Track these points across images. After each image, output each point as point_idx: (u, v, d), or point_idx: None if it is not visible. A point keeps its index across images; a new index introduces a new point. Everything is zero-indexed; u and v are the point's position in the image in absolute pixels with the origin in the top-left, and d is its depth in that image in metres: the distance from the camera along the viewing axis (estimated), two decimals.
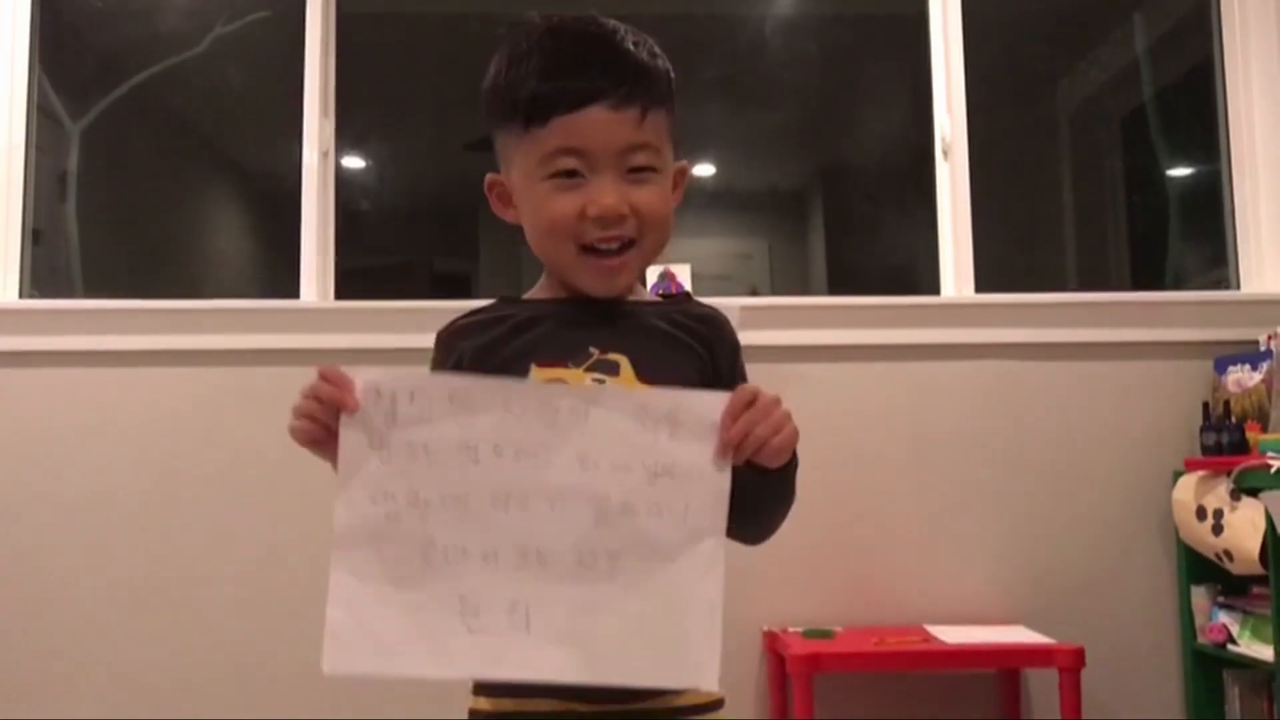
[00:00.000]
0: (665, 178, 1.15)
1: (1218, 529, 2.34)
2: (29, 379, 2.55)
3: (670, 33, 1.28)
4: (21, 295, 2.74)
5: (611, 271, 1.13)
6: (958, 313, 2.69)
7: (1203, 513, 2.39)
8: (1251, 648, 2.33)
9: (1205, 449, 2.49)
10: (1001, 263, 2.97)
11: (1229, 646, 2.39)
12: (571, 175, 1.10)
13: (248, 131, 3.58)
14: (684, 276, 2.73)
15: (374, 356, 2.44)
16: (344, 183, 3.03)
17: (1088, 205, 3.61)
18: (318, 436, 1.02)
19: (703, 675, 1.01)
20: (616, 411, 1.01)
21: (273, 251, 3.67)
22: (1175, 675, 2.57)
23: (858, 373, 2.63)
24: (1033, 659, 2.39)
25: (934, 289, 2.86)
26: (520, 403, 1.01)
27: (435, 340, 1.21)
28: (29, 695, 2.47)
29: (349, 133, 3.08)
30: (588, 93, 1.08)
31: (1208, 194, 3.06)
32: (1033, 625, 2.47)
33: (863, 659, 2.32)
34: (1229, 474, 2.34)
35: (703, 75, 3.43)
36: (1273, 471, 2.21)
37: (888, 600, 2.56)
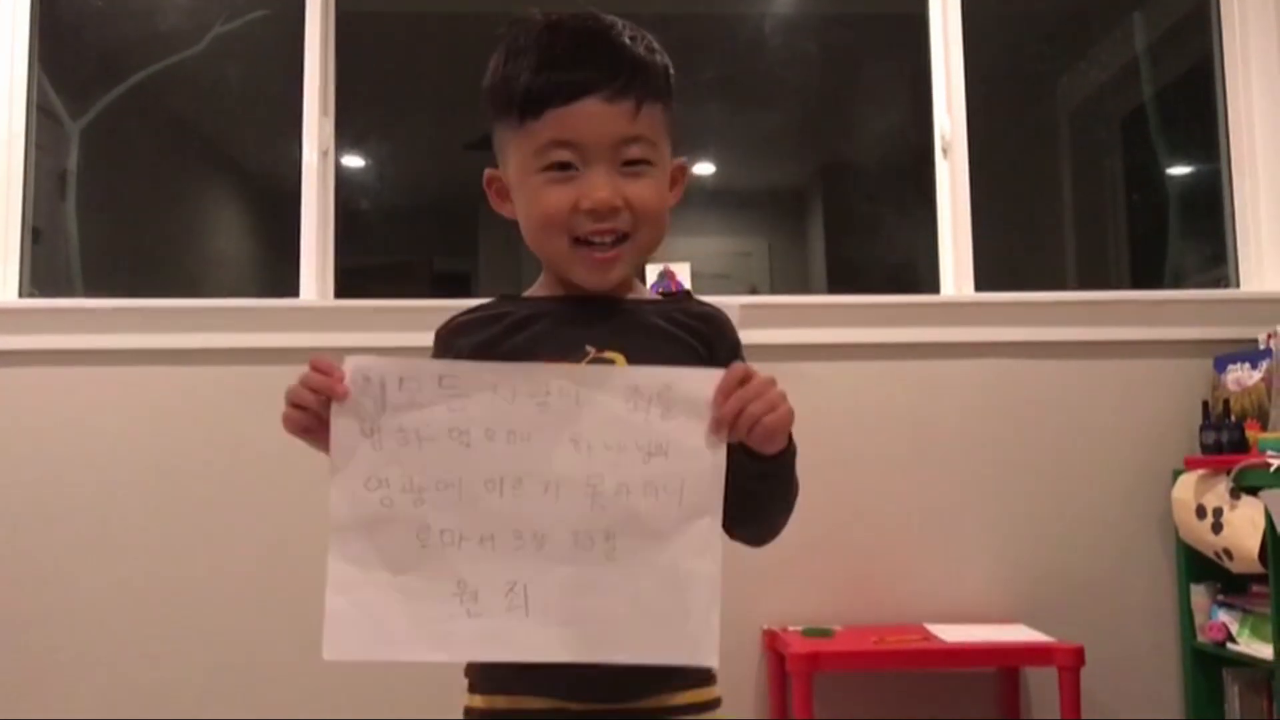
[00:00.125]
0: (661, 172, 1.15)
1: (1217, 527, 2.35)
2: (28, 378, 2.55)
3: (670, 32, 1.28)
4: (21, 294, 2.74)
5: (604, 265, 1.13)
6: (957, 311, 2.69)
7: (1202, 511, 2.39)
8: (1251, 646, 2.33)
9: (1205, 447, 2.49)
10: (1001, 261, 2.97)
11: (1228, 645, 2.39)
12: (565, 168, 1.10)
13: (247, 130, 3.58)
14: (684, 275, 2.74)
15: (374, 355, 2.43)
16: (344, 182, 3.02)
17: (1087, 204, 3.61)
18: (309, 424, 1.02)
19: (702, 652, 1.00)
20: (607, 392, 1.01)
21: (272, 250, 3.67)
22: (1175, 674, 2.58)
23: (857, 371, 2.63)
24: (1032, 657, 2.39)
25: (934, 288, 2.86)
26: (510, 385, 1.01)
27: (434, 337, 1.21)
28: (29, 695, 2.47)
29: (349, 132, 3.08)
30: (581, 85, 1.09)
31: (1207, 193, 3.06)
32: (1032, 624, 2.47)
33: (862, 658, 2.32)
34: (1228, 472, 2.34)
35: (703, 74, 3.42)
36: (1272, 470, 2.21)
37: (887, 599, 2.56)
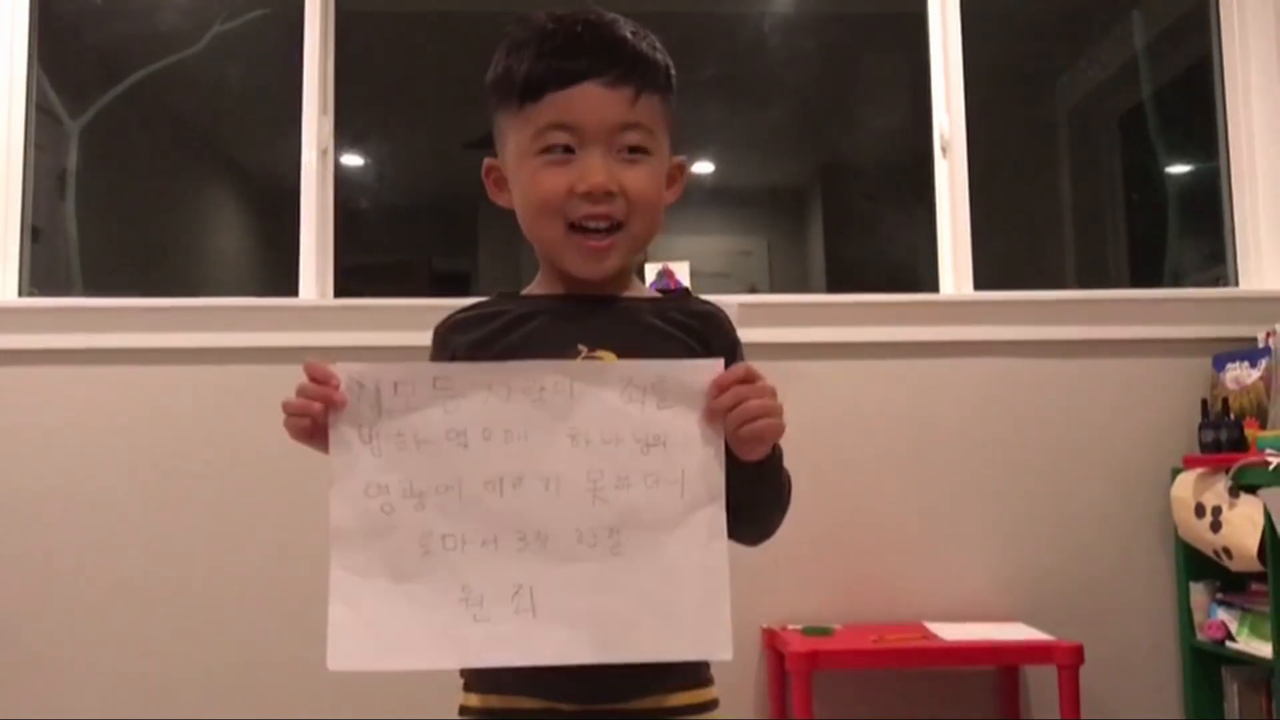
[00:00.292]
0: (658, 162, 1.15)
1: (1216, 526, 2.35)
2: (28, 377, 2.55)
3: (670, 30, 1.28)
4: (20, 293, 2.74)
5: (598, 253, 1.13)
6: (956, 310, 2.69)
7: (1201, 510, 2.39)
8: (1250, 645, 2.33)
9: (1204, 446, 2.49)
10: (1000, 260, 2.96)
11: (1227, 643, 2.39)
12: (563, 151, 1.11)
13: (247, 129, 3.58)
14: (683, 274, 2.73)
15: (373, 355, 2.44)
16: (343, 181, 3.02)
17: (1087, 203, 3.61)
18: (312, 431, 1.03)
19: (712, 645, 0.99)
20: (602, 385, 1.01)
21: (272, 249, 3.67)
22: (1174, 672, 2.58)
23: (856, 370, 2.63)
24: (1032, 656, 2.39)
25: (933, 286, 2.86)
26: (504, 384, 1.01)
27: (432, 334, 1.22)
28: (29, 695, 2.47)
29: (348, 131, 3.08)
30: (581, 69, 1.11)
31: (1206, 191, 3.06)
32: (1031, 622, 2.47)
33: (862, 656, 2.32)
34: (1228, 471, 2.34)
35: (702, 73, 3.42)
36: (1271, 468, 2.21)
37: (886, 597, 2.56)
